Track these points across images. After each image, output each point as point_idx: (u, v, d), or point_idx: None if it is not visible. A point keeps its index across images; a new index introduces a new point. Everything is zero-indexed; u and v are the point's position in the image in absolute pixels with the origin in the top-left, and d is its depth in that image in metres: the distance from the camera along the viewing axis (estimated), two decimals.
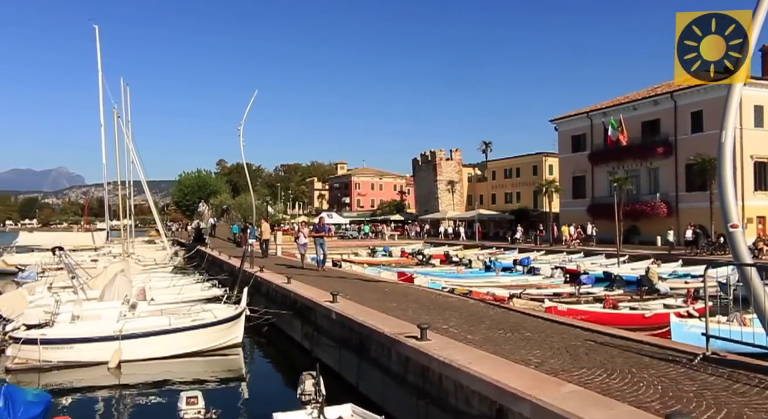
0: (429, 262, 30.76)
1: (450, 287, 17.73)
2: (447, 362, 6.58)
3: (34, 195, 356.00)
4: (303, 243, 21.18)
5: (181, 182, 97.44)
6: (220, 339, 12.53)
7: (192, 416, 6.40)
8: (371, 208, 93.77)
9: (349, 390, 9.27)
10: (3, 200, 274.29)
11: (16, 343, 11.05)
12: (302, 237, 21.31)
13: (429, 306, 11.38)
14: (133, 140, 32.66)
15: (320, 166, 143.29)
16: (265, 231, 28.14)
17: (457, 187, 69.33)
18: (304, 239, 21.18)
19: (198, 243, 38.44)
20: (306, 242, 21.13)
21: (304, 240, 21.14)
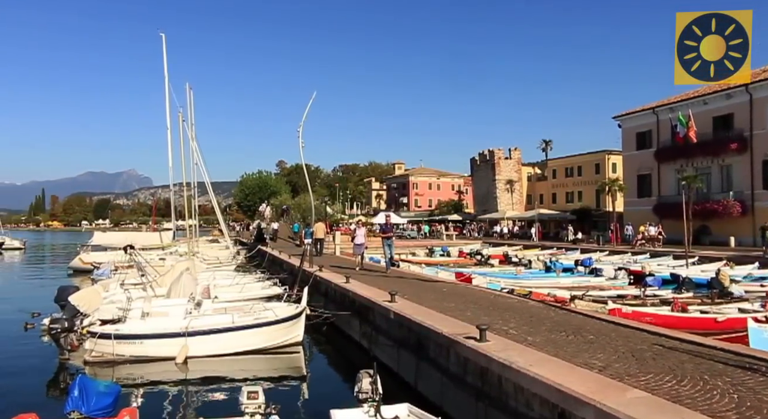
0: (487, 262, 30.37)
1: (509, 288, 17.41)
2: (507, 364, 6.47)
3: (107, 197, 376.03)
4: (360, 243, 19.99)
5: (243, 183, 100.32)
6: (281, 337, 12.78)
7: (252, 410, 6.55)
8: (429, 208, 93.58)
9: (407, 390, 9.28)
10: (79, 201, 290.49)
11: (93, 337, 11.64)
12: (359, 237, 19.98)
13: (488, 307, 11.23)
14: (197, 142, 33.84)
15: (378, 166, 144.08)
16: (319, 231, 28.54)
17: (517, 186, 68.23)
18: (361, 239, 19.97)
19: (259, 243, 39.41)
20: (363, 243, 20.01)
21: (362, 240, 19.96)
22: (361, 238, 19.90)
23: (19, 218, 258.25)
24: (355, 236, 20.28)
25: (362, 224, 21.55)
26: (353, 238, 20.80)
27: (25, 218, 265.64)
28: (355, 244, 20.24)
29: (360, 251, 20.11)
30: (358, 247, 20.14)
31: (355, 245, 20.39)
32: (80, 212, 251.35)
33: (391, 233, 19.03)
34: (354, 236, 20.66)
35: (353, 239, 20.69)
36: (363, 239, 19.95)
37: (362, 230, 20.56)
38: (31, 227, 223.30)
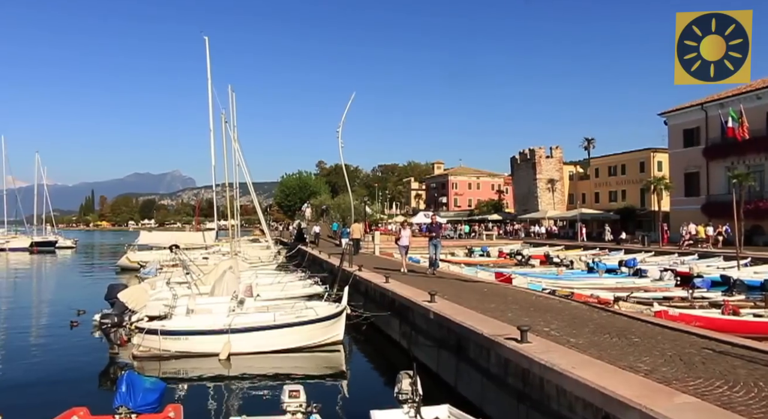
0: (528, 263, 29.99)
1: (550, 288, 17.15)
2: (549, 365, 6.38)
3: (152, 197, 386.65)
4: (404, 245, 18.91)
5: (283, 184, 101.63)
6: (321, 335, 12.90)
7: (294, 409, 6.61)
8: (468, 207, 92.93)
9: (447, 391, 9.24)
10: (126, 201, 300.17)
11: (141, 333, 12.02)
12: (404, 238, 18.90)
13: (528, 308, 11.09)
14: (239, 143, 34.46)
15: (417, 166, 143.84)
16: (356, 231, 28.71)
17: (558, 185, 67.13)
18: (405, 241, 18.90)
19: (299, 242, 39.85)
20: (408, 244, 19.03)
21: (406, 241, 18.91)
22: (406, 239, 18.96)
23: (71, 218, 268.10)
24: (400, 238, 19.19)
25: (408, 225, 20.28)
26: (398, 239, 19.61)
27: (76, 218, 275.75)
28: (400, 245, 19.19)
29: (405, 253, 19.24)
30: (403, 249, 19.15)
31: (400, 246, 19.32)
32: (127, 213, 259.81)
33: (437, 233, 18.24)
34: (399, 237, 19.51)
35: (398, 241, 19.52)
36: (408, 240, 19.03)
37: (407, 230, 19.49)
38: (82, 227, 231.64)
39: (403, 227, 20.04)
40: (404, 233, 19.10)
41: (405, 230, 19.54)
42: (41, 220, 75.77)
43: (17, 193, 73.57)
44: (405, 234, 18.93)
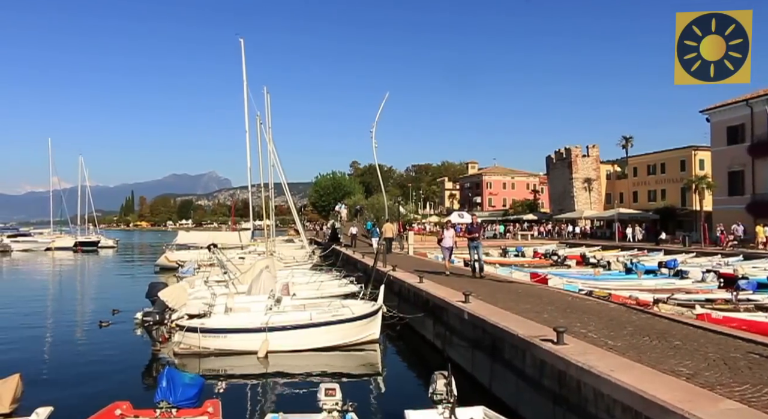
0: (564, 263, 29.56)
1: (587, 289, 16.87)
2: (586, 368, 6.29)
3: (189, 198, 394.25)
4: (448, 246, 17.64)
5: (317, 184, 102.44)
6: (357, 334, 12.99)
7: (330, 407, 6.68)
8: (503, 207, 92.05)
9: (481, 392, 9.20)
10: (165, 202, 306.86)
11: (181, 330, 12.33)
12: (447, 239, 17.61)
13: (565, 309, 10.95)
14: (273, 144, 34.92)
15: (451, 166, 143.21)
16: (388, 230, 28.77)
17: (595, 185, 65.86)
18: (449, 242, 17.60)
19: (333, 242, 40.09)
20: (452, 246, 17.78)
21: (450, 243, 17.61)
22: (450, 240, 17.65)
23: (112, 219, 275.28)
24: (443, 238, 17.86)
25: (451, 225, 18.80)
26: (440, 240, 18.26)
27: (116, 218, 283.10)
28: (443, 247, 17.87)
29: (449, 255, 18.05)
30: (446, 250, 17.86)
31: (443, 248, 18.02)
32: (165, 213, 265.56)
33: (478, 234, 17.02)
34: (441, 238, 18.15)
35: (440, 242, 18.17)
36: (452, 241, 17.72)
37: (450, 231, 18.12)
38: (122, 227, 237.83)
39: (446, 227, 18.66)
40: (447, 233, 17.85)
41: (448, 230, 18.18)
42: (84, 220, 78.23)
43: (62, 194, 76.10)
44: (448, 234, 17.75)
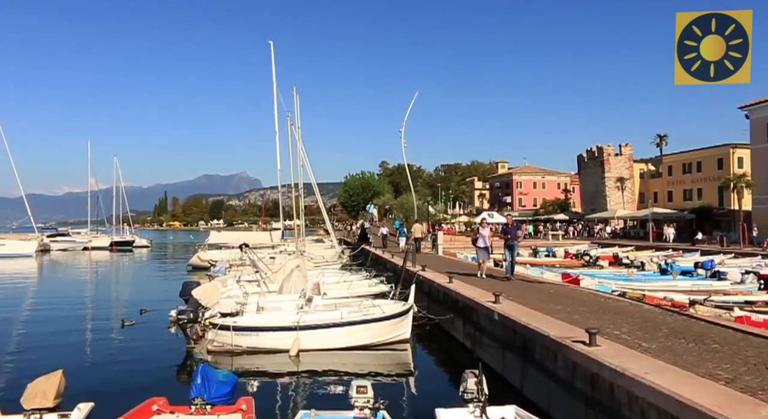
0: (596, 263, 29.11)
1: (620, 290, 16.59)
2: (620, 370, 6.21)
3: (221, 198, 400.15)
4: (483, 247, 16.56)
5: (347, 184, 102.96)
6: (388, 333, 13.04)
7: (362, 404, 6.74)
8: (533, 207, 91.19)
9: (512, 392, 9.14)
10: (197, 202, 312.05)
11: (214, 328, 12.57)
12: (482, 240, 16.52)
13: (597, 310, 10.81)
14: (303, 144, 35.22)
15: (480, 165, 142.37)
16: (416, 230, 28.77)
17: (628, 184, 64.76)
18: (485, 242, 16.55)
19: (363, 242, 40.23)
20: (487, 246, 16.68)
21: (485, 244, 16.55)
22: (486, 240, 16.60)
23: (146, 219, 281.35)
24: (478, 238, 16.76)
25: (486, 224, 17.65)
26: (475, 240, 17.12)
27: (150, 218, 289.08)
28: (478, 247, 16.73)
29: (485, 256, 16.87)
30: (482, 251, 16.67)
31: (478, 249, 16.84)
32: (197, 213, 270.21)
33: (514, 235, 16.30)
34: (476, 238, 17.00)
35: (475, 242, 17.05)
36: (488, 241, 16.68)
37: (486, 230, 16.97)
38: (155, 226, 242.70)
39: (482, 226, 17.39)
40: (483, 232, 16.75)
41: (484, 229, 17.01)
42: (119, 220, 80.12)
43: (99, 194, 78.10)
44: (484, 234, 16.67)
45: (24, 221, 65.38)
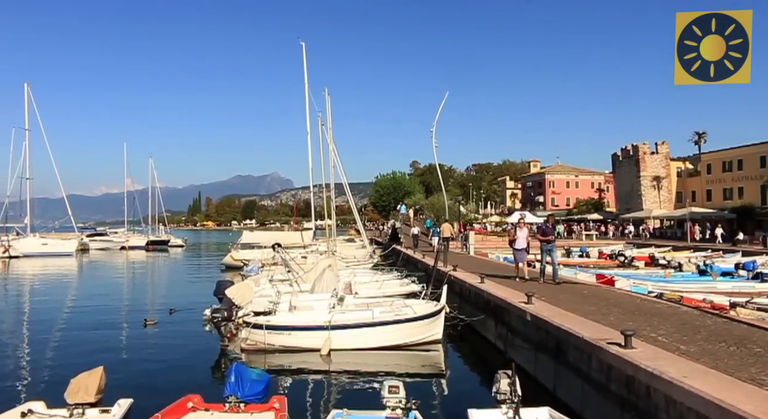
0: (631, 264, 28.55)
1: (657, 291, 16.23)
2: (657, 373, 6.08)
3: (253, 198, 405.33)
4: (521, 248, 15.64)
5: (378, 184, 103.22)
6: (420, 334, 13.03)
7: (394, 404, 6.75)
8: (566, 206, 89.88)
9: (544, 394, 9.03)
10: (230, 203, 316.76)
11: (247, 327, 12.74)
12: (520, 239, 15.57)
13: (633, 312, 10.60)
14: (334, 144, 35.45)
15: (512, 164, 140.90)
16: (446, 230, 28.64)
17: (664, 183, 63.26)
18: (523, 243, 15.60)
19: (394, 242, 40.23)
20: (525, 247, 15.75)
21: (524, 244, 15.61)
22: (524, 241, 15.63)
23: (180, 219, 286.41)
24: (516, 239, 15.69)
25: (524, 225, 16.74)
26: (512, 242, 16.02)
27: (184, 218, 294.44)
28: (516, 249, 15.78)
29: (522, 258, 15.97)
30: (519, 253, 15.76)
31: (515, 250, 15.88)
32: (230, 213, 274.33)
33: (553, 236, 15.44)
34: (513, 239, 15.90)
35: (512, 244, 15.99)
36: (525, 242, 15.72)
37: (524, 230, 16.01)
38: (189, 226, 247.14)
39: (519, 226, 16.33)
40: (520, 233, 15.74)
41: (521, 229, 15.97)
42: (155, 220, 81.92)
43: (135, 195, 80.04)
44: (521, 235, 15.67)
45: (65, 221, 67.41)
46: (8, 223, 57.34)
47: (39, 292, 27.36)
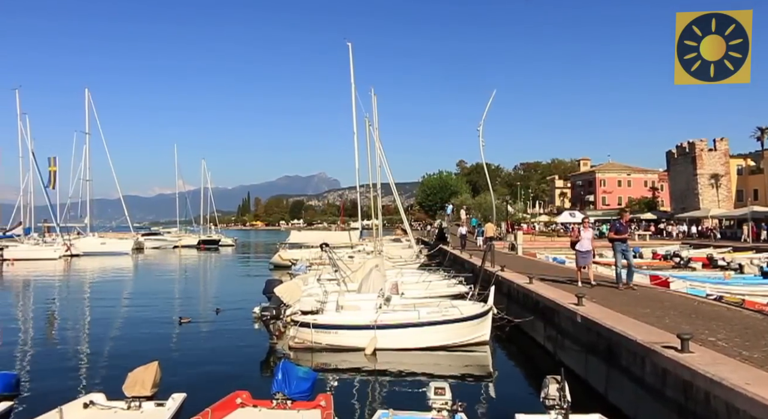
0: (688, 265, 27.53)
1: (716, 294, 15.58)
2: (717, 380, 5.82)
3: (300, 199, 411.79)
4: (586, 251, 14.54)
5: (424, 184, 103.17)
6: (467, 335, 12.91)
7: (439, 406, 6.70)
8: (618, 206, 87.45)
9: (596, 399, 8.81)
10: (278, 203, 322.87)
11: (295, 325, 12.93)
12: (584, 241, 14.52)
13: (689, 315, 10.21)
14: (381, 144, 35.56)
15: (561, 163, 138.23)
16: (489, 230, 28.38)
17: (723, 181, 60.80)
18: (588, 245, 14.53)
19: (440, 242, 40.02)
20: (591, 249, 14.77)
21: (588, 246, 14.56)
22: (588, 242, 14.57)
23: (230, 219, 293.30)
24: (580, 240, 14.65)
25: (589, 225, 15.53)
26: (574, 243, 15.01)
27: (234, 218, 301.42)
28: (579, 251, 14.67)
29: (587, 261, 14.85)
30: (583, 256, 14.64)
31: (578, 253, 14.74)
32: (278, 213, 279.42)
33: (626, 235, 14.33)
34: (577, 240, 14.92)
35: (575, 245, 14.93)
36: (591, 243, 14.67)
37: (589, 231, 14.87)
38: (239, 226, 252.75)
39: (584, 226, 15.19)
40: (585, 234, 14.62)
41: (586, 230, 14.84)
42: (206, 220, 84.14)
43: (187, 195, 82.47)
44: (586, 236, 14.57)
45: (121, 221, 70.14)
46: (69, 223, 60.03)
47: (98, 289, 28.52)
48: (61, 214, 59.01)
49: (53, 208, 58.51)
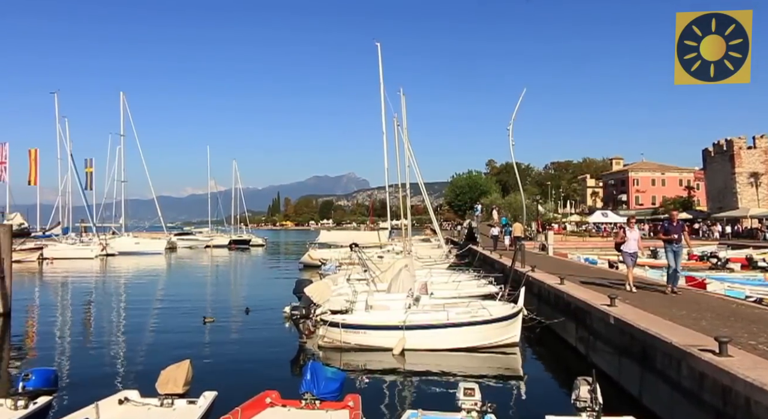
0: (725, 266, 26.79)
1: (756, 296, 15.14)
2: (758, 385, 5.63)
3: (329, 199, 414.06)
4: (632, 252, 13.76)
5: (453, 183, 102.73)
6: (497, 336, 12.79)
7: (469, 407, 6.64)
8: (652, 205, 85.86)
9: (629, 402, 8.63)
10: (307, 203, 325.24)
11: (325, 325, 12.99)
12: (631, 242, 13.69)
13: (727, 317, 9.93)
14: (410, 145, 35.51)
15: (593, 162, 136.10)
16: (517, 229, 28.11)
17: (763, 179, 59.02)
18: (633, 246, 13.74)
19: (470, 242, 39.77)
20: (636, 251, 14.06)
21: (634, 247, 13.77)
22: (635, 244, 13.80)
23: (260, 219, 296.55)
24: (625, 241, 13.79)
25: (634, 225, 14.70)
26: (619, 244, 14.05)
27: (264, 218, 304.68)
28: (625, 252, 13.82)
29: (632, 263, 14.05)
30: (630, 257, 13.80)
31: (624, 254, 13.89)
32: (308, 213, 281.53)
33: (680, 235, 13.32)
34: (622, 241, 13.97)
35: (619, 246, 14.01)
36: (637, 244, 13.96)
37: (635, 232, 14.10)
38: (269, 226, 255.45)
39: (630, 226, 14.38)
40: (631, 235, 13.84)
41: (632, 231, 14.02)
42: (237, 220, 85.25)
43: (218, 196, 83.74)
44: (632, 236, 13.80)
45: (155, 221, 71.50)
46: (105, 223, 61.52)
47: (132, 288, 29.14)
48: (97, 214, 60.62)
49: (89, 208, 60.04)
